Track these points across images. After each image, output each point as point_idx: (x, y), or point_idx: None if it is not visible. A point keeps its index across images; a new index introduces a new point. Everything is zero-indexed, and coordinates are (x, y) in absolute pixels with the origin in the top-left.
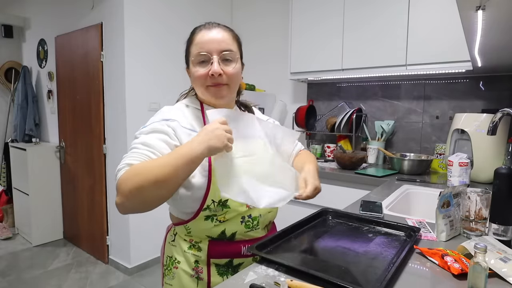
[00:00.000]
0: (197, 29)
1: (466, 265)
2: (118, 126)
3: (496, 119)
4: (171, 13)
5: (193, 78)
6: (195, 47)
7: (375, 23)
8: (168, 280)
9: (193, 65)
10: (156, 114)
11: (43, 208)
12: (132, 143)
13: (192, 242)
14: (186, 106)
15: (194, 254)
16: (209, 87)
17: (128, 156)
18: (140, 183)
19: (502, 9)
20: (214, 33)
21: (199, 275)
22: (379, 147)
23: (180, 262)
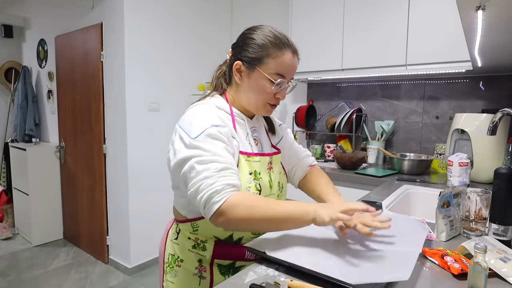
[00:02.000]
0: (287, 47)
1: (466, 265)
2: (118, 126)
3: (496, 119)
4: (171, 13)
5: (256, 87)
6: (278, 65)
7: (375, 24)
8: (170, 277)
9: (264, 77)
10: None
11: (43, 208)
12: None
13: (197, 241)
14: (218, 108)
15: (198, 254)
16: (268, 104)
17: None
18: (253, 217)
19: (502, 9)
20: (295, 61)
21: (202, 273)
22: (379, 147)
23: (183, 260)
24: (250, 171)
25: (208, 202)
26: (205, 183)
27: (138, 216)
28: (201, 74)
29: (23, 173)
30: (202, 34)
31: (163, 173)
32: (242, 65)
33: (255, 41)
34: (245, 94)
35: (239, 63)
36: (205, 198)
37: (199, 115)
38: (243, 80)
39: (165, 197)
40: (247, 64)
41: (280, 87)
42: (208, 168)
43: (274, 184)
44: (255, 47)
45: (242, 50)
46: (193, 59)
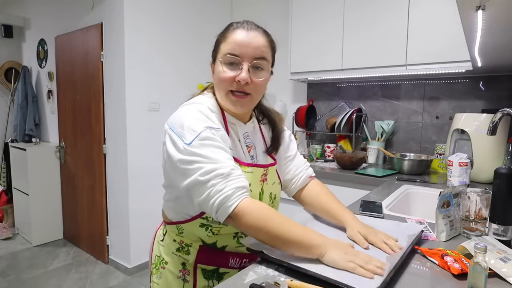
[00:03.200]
0: (234, 26)
1: (466, 265)
2: (118, 126)
3: (496, 119)
4: (171, 13)
5: (216, 78)
6: (227, 45)
7: (375, 24)
8: (156, 279)
9: (220, 64)
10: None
11: (43, 208)
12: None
13: (182, 244)
14: (210, 110)
15: (182, 257)
16: (231, 92)
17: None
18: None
19: (502, 9)
20: (251, 36)
21: (186, 277)
22: (379, 147)
23: (167, 262)
24: None
25: (220, 207)
26: (214, 189)
27: (138, 216)
28: (201, 74)
29: (23, 173)
30: (202, 34)
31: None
32: (211, 64)
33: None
34: (216, 90)
35: (211, 63)
36: (218, 203)
37: (191, 116)
38: (213, 77)
39: None
40: (212, 60)
41: (232, 65)
42: (213, 177)
43: (265, 196)
44: (216, 40)
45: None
46: (193, 59)
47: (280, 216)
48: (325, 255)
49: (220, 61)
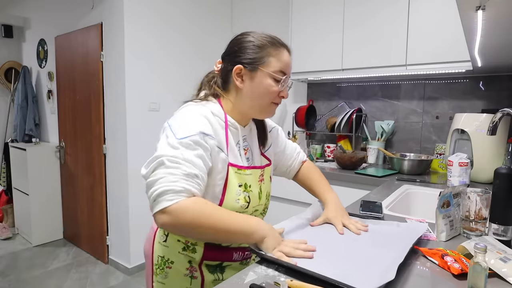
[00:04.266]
0: (281, 44)
1: (466, 265)
2: (118, 126)
3: (496, 119)
4: (171, 13)
5: (262, 88)
6: (279, 63)
7: (375, 24)
8: (160, 279)
9: (268, 77)
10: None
11: (43, 208)
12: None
13: (187, 243)
14: (213, 114)
15: (188, 255)
16: (272, 104)
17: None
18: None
19: (502, 9)
20: (290, 59)
21: (193, 273)
22: (379, 147)
23: (173, 262)
24: (240, 183)
25: (160, 196)
26: (167, 178)
27: (138, 216)
28: (201, 74)
29: (23, 173)
30: (203, 32)
31: None
32: (243, 69)
33: (253, 42)
34: (249, 97)
35: (240, 67)
36: (159, 192)
37: (191, 118)
38: (245, 83)
39: None
40: (249, 66)
41: (284, 84)
42: (177, 168)
43: (263, 195)
44: (254, 48)
45: (240, 54)
46: (194, 59)
47: (218, 208)
48: (263, 241)
49: (270, 74)
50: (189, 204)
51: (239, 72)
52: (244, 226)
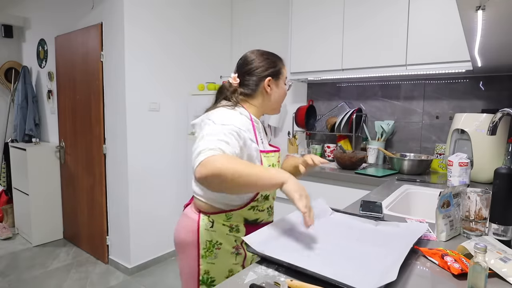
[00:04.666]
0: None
1: (466, 265)
2: (118, 126)
3: (496, 119)
4: (171, 12)
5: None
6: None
7: (375, 24)
8: (210, 260)
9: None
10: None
11: (43, 208)
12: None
13: (231, 226)
14: (240, 114)
15: (234, 235)
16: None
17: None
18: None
19: (502, 9)
20: None
21: (239, 251)
22: (379, 147)
23: (221, 243)
24: (269, 164)
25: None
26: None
27: (138, 216)
28: (201, 74)
29: (23, 173)
30: (203, 33)
31: (163, 173)
32: (271, 79)
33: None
34: (275, 100)
35: (270, 78)
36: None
37: (228, 116)
38: (273, 90)
39: (165, 197)
40: (274, 77)
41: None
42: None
43: None
44: (273, 64)
45: (265, 70)
46: (194, 59)
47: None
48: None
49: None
50: (218, 157)
51: (268, 82)
52: (267, 171)
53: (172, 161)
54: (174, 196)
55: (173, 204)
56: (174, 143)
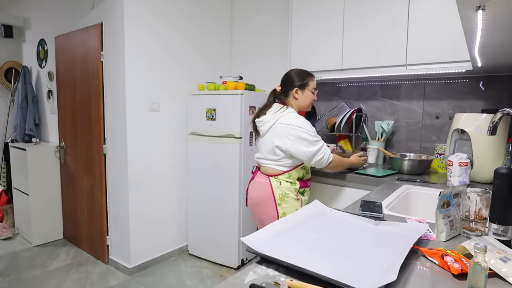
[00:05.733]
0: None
1: (466, 265)
2: (118, 126)
3: (496, 119)
4: (171, 12)
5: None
6: (314, 84)
7: (375, 24)
8: (284, 205)
9: (310, 91)
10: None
11: (43, 208)
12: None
13: (291, 182)
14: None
15: (295, 188)
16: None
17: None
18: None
19: (502, 9)
20: None
21: (299, 197)
22: (379, 147)
23: (288, 194)
24: None
25: (329, 157)
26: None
27: (138, 216)
28: (201, 74)
29: (23, 173)
30: (203, 33)
31: (163, 173)
32: (298, 89)
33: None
34: (302, 102)
35: (297, 89)
36: (328, 155)
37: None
38: (299, 95)
39: (165, 197)
40: (301, 87)
41: (312, 93)
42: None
43: None
44: (301, 78)
45: (294, 83)
46: (194, 59)
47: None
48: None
49: (311, 90)
50: (334, 158)
51: (296, 91)
52: (348, 160)
53: (172, 161)
54: (174, 196)
55: (173, 204)
56: (174, 143)
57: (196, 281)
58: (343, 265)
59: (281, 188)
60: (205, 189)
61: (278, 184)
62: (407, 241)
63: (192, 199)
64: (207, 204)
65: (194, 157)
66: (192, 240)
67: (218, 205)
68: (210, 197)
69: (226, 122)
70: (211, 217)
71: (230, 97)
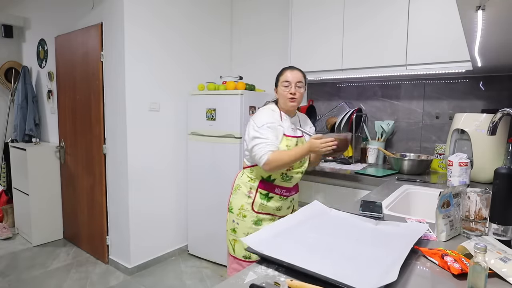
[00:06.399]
0: (285, 69)
1: (466, 265)
2: (118, 126)
3: (496, 119)
4: (171, 13)
5: (280, 94)
6: (283, 77)
7: (375, 24)
8: (234, 195)
9: (281, 86)
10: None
11: (43, 208)
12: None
13: (251, 178)
14: (273, 111)
15: (251, 184)
16: (288, 99)
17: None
18: (281, 164)
19: (502, 9)
20: (294, 72)
21: (250, 195)
22: (379, 147)
23: (241, 187)
24: (286, 144)
25: (261, 157)
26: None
27: (138, 216)
28: (201, 74)
29: (23, 173)
30: (203, 33)
31: (163, 173)
32: (275, 88)
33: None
34: (280, 99)
35: (275, 88)
36: (259, 155)
37: (261, 115)
38: (277, 94)
39: (165, 197)
40: (276, 86)
41: (287, 87)
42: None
43: None
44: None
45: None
46: (194, 59)
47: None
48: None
49: (280, 85)
50: (272, 156)
51: (276, 89)
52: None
53: (172, 161)
54: (174, 196)
55: (173, 203)
56: (174, 143)
57: (196, 281)
58: (343, 265)
59: (240, 179)
60: (205, 189)
61: (240, 176)
62: (407, 241)
63: (192, 199)
64: (207, 204)
65: (194, 157)
66: (192, 240)
67: (218, 205)
68: (210, 197)
69: (226, 122)
70: (211, 217)
71: (230, 97)
